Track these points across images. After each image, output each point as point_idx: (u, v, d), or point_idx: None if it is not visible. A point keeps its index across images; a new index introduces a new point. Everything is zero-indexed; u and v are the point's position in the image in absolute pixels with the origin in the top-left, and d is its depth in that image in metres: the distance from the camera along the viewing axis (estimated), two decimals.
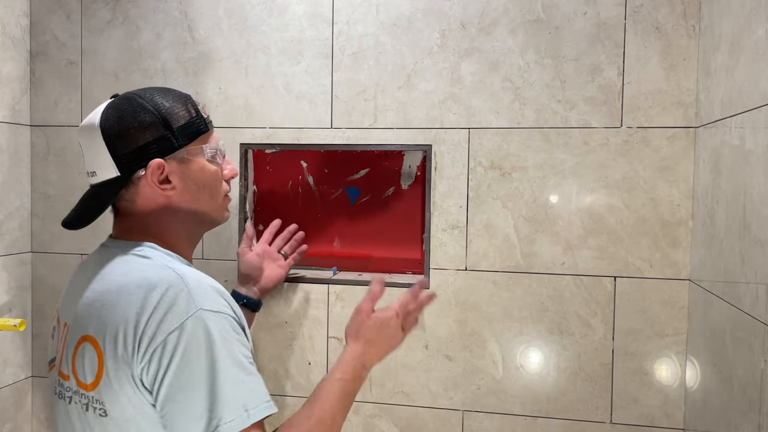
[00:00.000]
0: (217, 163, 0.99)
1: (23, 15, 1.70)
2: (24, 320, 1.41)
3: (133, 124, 0.90)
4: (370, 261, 1.63)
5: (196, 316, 0.80)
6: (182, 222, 0.96)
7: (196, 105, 0.97)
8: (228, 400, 0.79)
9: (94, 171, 0.92)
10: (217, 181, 0.99)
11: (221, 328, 0.82)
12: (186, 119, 0.93)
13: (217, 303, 0.84)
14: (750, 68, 1.08)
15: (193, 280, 0.85)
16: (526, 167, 1.46)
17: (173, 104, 0.94)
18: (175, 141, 0.91)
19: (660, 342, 1.41)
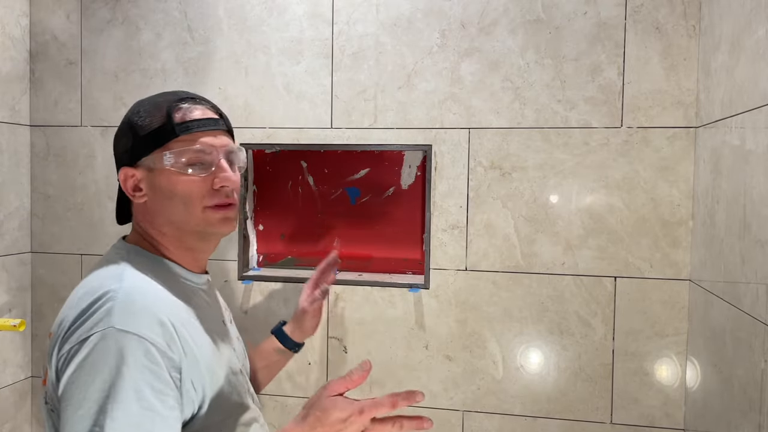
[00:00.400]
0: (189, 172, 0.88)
1: (23, 15, 1.70)
2: (24, 320, 1.41)
3: (118, 134, 0.94)
4: (370, 261, 1.63)
5: (104, 333, 0.75)
6: (165, 227, 0.92)
7: (172, 109, 0.89)
8: (114, 428, 0.72)
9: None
10: (192, 191, 0.88)
11: (131, 352, 0.75)
12: (156, 126, 0.89)
13: (140, 326, 0.77)
14: (750, 68, 1.08)
15: (127, 297, 0.79)
16: (526, 167, 1.45)
17: (147, 111, 0.90)
18: (139, 149, 0.90)
19: (660, 342, 1.41)
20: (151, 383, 0.75)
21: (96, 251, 1.70)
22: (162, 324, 0.79)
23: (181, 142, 0.89)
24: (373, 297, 1.54)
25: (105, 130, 1.68)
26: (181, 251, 0.94)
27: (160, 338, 0.78)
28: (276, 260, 1.69)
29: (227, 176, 0.90)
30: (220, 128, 0.93)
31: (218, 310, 1.02)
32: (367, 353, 1.55)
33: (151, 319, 0.79)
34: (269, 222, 1.69)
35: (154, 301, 0.82)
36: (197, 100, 0.93)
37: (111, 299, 0.79)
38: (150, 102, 0.92)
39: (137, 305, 0.79)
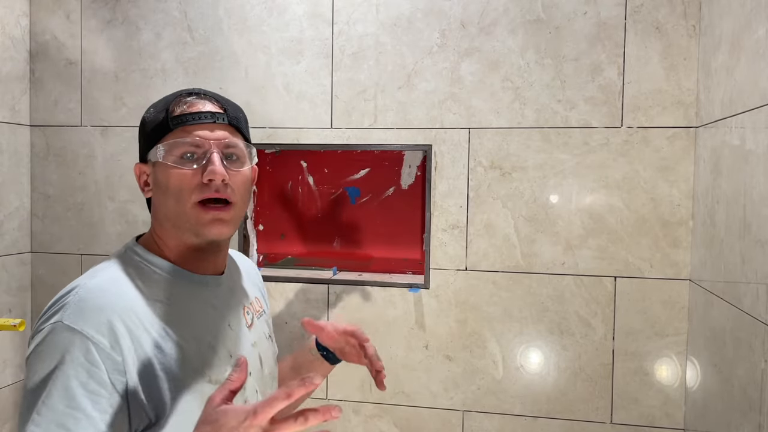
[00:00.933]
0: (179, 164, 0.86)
1: (23, 15, 1.70)
2: (23, 320, 1.41)
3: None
4: (370, 261, 1.63)
5: (53, 327, 0.77)
6: (165, 225, 0.90)
7: (170, 103, 0.89)
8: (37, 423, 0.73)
9: None
10: (182, 184, 0.85)
11: (70, 349, 0.75)
12: (154, 123, 0.89)
13: (86, 324, 0.76)
14: (750, 68, 1.08)
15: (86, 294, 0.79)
16: (526, 167, 1.45)
17: (156, 108, 0.91)
18: (144, 144, 0.91)
19: (660, 342, 1.41)
20: (84, 383, 0.74)
21: (96, 251, 1.70)
22: (111, 324, 0.78)
23: (175, 135, 0.87)
24: (373, 297, 1.54)
25: (105, 130, 1.68)
26: (183, 251, 0.90)
27: (105, 339, 0.76)
28: (276, 260, 1.69)
29: (213, 169, 0.84)
30: (221, 122, 0.89)
31: (229, 313, 0.95)
32: None
33: (100, 319, 0.77)
34: (269, 222, 1.68)
35: (110, 301, 0.80)
36: (202, 95, 0.91)
37: (72, 294, 0.79)
38: (161, 99, 0.93)
39: (90, 303, 0.79)
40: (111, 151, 1.68)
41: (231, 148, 0.89)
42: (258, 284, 1.10)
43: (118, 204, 1.68)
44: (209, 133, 0.88)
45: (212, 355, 0.89)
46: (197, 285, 0.92)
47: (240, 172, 0.89)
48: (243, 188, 0.90)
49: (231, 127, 0.91)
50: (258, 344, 1.00)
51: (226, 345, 0.91)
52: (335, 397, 1.57)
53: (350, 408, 1.56)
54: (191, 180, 0.85)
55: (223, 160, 0.87)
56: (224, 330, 0.93)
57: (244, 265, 1.08)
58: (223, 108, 0.91)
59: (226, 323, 0.94)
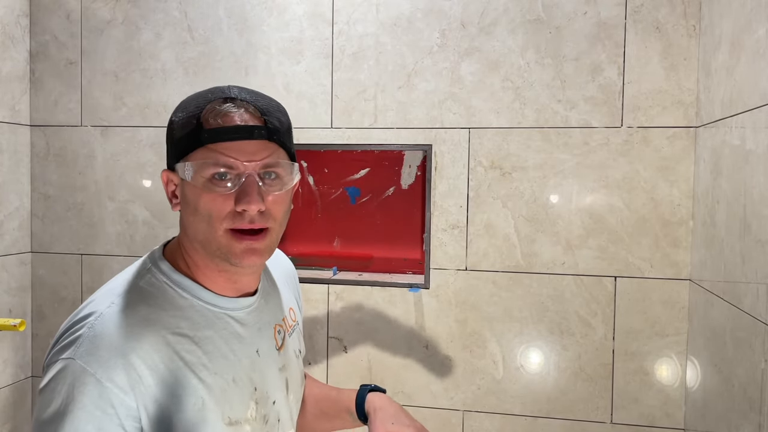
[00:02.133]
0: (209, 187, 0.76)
1: (23, 15, 1.70)
2: (24, 320, 1.41)
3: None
4: (370, 261, 1.63)
5: (66, 363, 0.72)
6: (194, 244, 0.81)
7: (202, 109, 0.78)
8: None
9: None
10: (213, 210, 0.76)
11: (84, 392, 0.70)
12: (183, 132, 0.78)
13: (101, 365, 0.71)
14: (750, 68, 1.08)
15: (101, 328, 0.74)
16: (526, 167, 1.45)
17: (185, 112, 0.80)
18: (172, 153, 0.80)
19: (660, 342, 1.41)
20: (97, 427, 0.70)
21: (96, 251, 1.70)
22: (126, 367, 0.72)
23: (206, 152, 0.76)
24: (373, 297, 1.54)
25: (105, 130, 1.68)
26: (212, 272, 0.82)
27: (119, 383, 0.72)
28: None
29: (249, 200, 0.74)
30: (260, 138, 0.76)
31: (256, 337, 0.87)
32: (367, 353, 1.55)
33: (117, 360, 0.72)
34: None
35: (129, 341, 0.74)
36: (239, 100, 0.78)
37: (86, 326, 0.74)
38: (195, 97, 0.81)
39: (106, 341, 0.73)
40: (111, 151, 1.68)
41: (270, 168, 0.78)
42: (294, 288, 1.03)
43: (118, 204, 1.68)
44: (246, 153, 0.76)
45: (234, 391, 0.82)
46: (227, 309, 0.84)
47: (279, 194, 0.78)
48: (281, 211, 0.79)
49: (272, 143, 0.78)
50: (286, 367, 0.93)
51: (250, 377, 0.84)
52: None
53: None
54: (223, 206, 0.76)
55: (259, 182, 0.76)
56: (251, 358, 0.85)
57: (279, 269, 0.99)
58: (263, 118, 0.78)
59: (254, 349, 0.86)
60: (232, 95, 0.79)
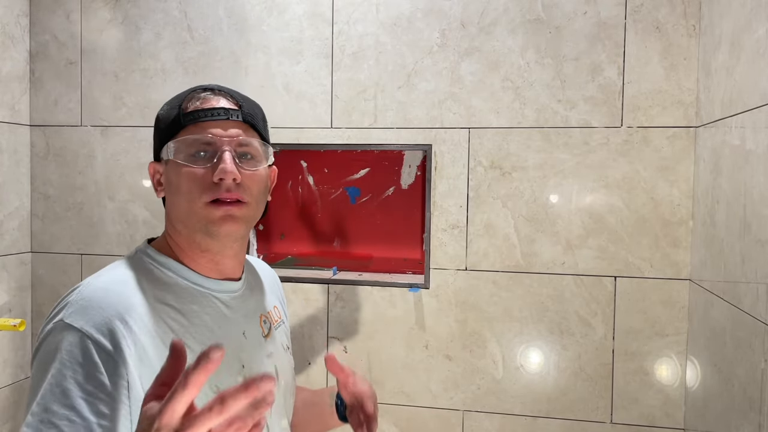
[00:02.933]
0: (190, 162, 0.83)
1: (23, 15, 1.70)
2: (23, 320, 1.41)
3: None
4: (370, 261, 1.63)
5: (54, 326, 0.74)
6: (177, 226, 0.87)
7: (183, 99, 0.86)
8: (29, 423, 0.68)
9: None
10: (192, 183, 0.82)
11: (68, 347, 0.72)
12: (168, 120, 0.85)
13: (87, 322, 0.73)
14: (750, 68, 1.08)
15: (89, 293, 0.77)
16: (526, 167, 1.45)
17: (170, 102, 0.88)
18: (158, 142, 0.88)
19: (660, 342, 1.41)
20: (80, 383, 0.70)
21: (96, 251, 1.70)
22: (112, 324, 0.74)
23: (187, 132, 0.83)
24: (373, 297, 1.54)
25: (105, 130, 1.68)
26: (196, 252, 0.87)
27: (106, 339, 0.73)
28: (276, 260, 1.69)
29: (224, 167, 0.81)
30: (235, 119, 0.84)
31: (243, 321, 0.90)
32: (367, 353, 1.55)
33: (102, 317, 0.74)
34: (269, 222, 1.68)
35: (115, 300, 0.76)
36: (217, 90, 0.87)
37: (75, 293, 0.77)
38: (178, 94, 0.89)
39: (93, 302, 0.75)
40: (111, 151, 1.68)
41: (244, 147, 0.85)
42: (278, 294, 1.06)
43: (118, 204, 1.68)
44: (222, 131, 0.83)
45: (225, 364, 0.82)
46: (212, 290, 0.88)
47: (254, 171, 0.84)
48: (257, 188, 0.85)
49: (246, 125, 0.86)
50: (274, 355, 0.95)
51: (237, 354, 0.87)
52: None
53: None
54: (202, 179, 0.82)
55: (235, 158, 0.82)
56: (237, 338, 0.88)
57: (264, 272, 1.04)
58: (238, 104, 0.86)
59: (240, 331, 0.89)
60: (212, 87, 0.87)
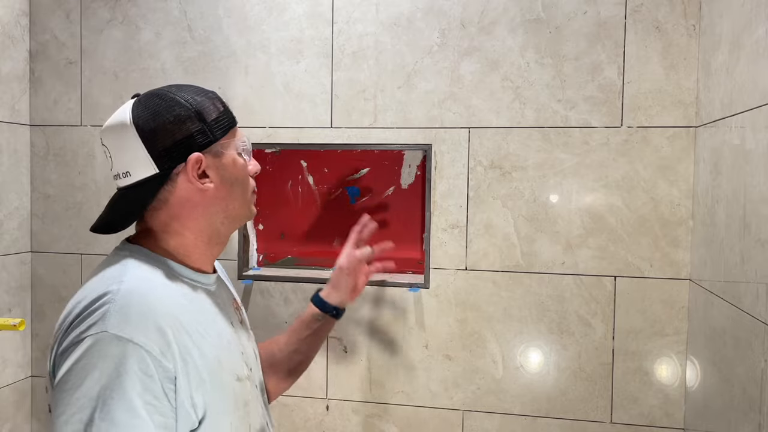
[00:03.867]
0: (244, 158, 0.95)
1: (23, 15, 1.70)
2: (23, 320, 1.41)
3: (168, 119, 0.87)
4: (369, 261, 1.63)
5: (98, 337, 0.73)
6: (213, 218, 0.91)
7: (222, 100, 0.95)
8: None
9: (128, 171, 0.88)
10: (247, 176, 0.95)
11: (123, 360, 0.72)
12: (216, 113, 0.91)
13: (135, 332, 0.74)
14: (750, 67, 1.08)
15: (125, 300, 0.77)
16: (526, 167, 1.45)
17: (203, 98, 0.91)
18: (210, 134, 0.89)
19: (660, 341, 1.41)
20: (141, 394, 0.72)
21: (96, 251, 1.70)
22: (159, 330, 0.76)
23: (236, 130, 0.95)
24: (373, 296, 1.54)
25: None
26: (204, 248, 0.92)
27: (155, 346, 0.75)
28: (276, 260, 1.69)
29: (257, 162, 0.98)
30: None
31: (228, 311, 0.97)
32: (367, 353, 1.55)
33: (147, 325, 0.76)
34: (269, 221, 1.69)
35: (153, 305, 0.78)
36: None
37: (108, 302, 0.76)
38: (194, 90, 0.92)
39: (134, 309, 0.76)
40: None
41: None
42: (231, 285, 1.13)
43: None
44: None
45: (232, 352, 0.91)
46: (205, 284, 0.92)
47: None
48: None
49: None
50: (251, 339, 1.04)
51: (233, 342, 0.93)
52: (335, 396, 1.57)
53: (350, 408, 1.56)
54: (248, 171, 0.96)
55: None
56: (231, 326, 0.94)
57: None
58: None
59: (230, 320, 0.95)
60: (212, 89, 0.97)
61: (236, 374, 0.90)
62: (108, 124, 0.90)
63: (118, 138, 0.88)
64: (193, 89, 0.93)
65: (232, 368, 0.89)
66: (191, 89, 0.93)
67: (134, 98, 0.92)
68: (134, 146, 0.87)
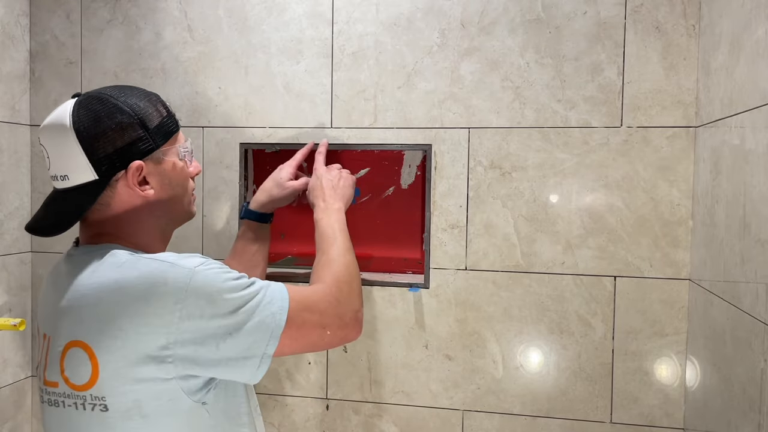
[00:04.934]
0: (185, 162, 1.00)
1: (23, 15, 1.70)
2: (24, 320, 1.41)
3: (110, 126, 0.87)
4: (370, 261, 1.63)
5: (194, 278, 0.84)
6: (157, 220, 0.96)
7: (165, 104, 0.97)
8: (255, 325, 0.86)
9: (66, 175, 0.87)
10: (186, 179, 1.00)
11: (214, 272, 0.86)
12: (159, 119, 0.93)
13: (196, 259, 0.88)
14: (750, 67, 1.08)
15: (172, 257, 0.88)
16: (526, 167, 1.45)
17: (146, 104, 0.92)
18: (152, 141, 0.90)
19: (660, 341, 1.41)
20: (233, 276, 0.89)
21: None
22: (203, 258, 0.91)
23: (177, 137, 0.98)
24: (373, 296, 1.54)
25: None
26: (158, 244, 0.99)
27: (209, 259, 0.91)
28: (276, 259, 1.69)
29: (198, 164, 1.05)
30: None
31: None
32: (367, 353, 1.55)
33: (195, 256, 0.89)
34: None
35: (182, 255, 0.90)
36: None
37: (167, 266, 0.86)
38: (137, 94, 0.93)
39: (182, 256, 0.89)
40: None
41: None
42: None
43: None
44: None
45: None
46: None
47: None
48: None
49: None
50: None
51: None
52: (335, 396, 1.57)
53: (350, 408, 1.56)
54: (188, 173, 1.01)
55: None
56: None
57: None
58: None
59: None
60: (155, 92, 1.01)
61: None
62: (47, 124, 0.89)
63: (57, 140, 0.87)
64: (136, 93, 0.92)
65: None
66: (134, 93, 0.92)
67: (74, 98, 0.91)
68: (73, 151, 0.86)
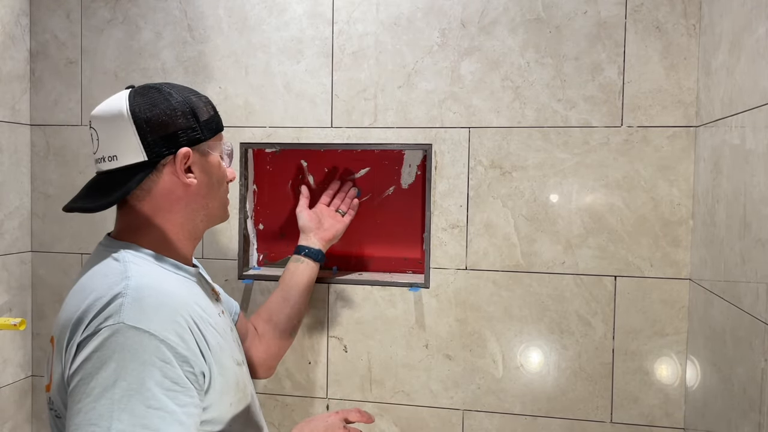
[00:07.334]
0: (226, 162, 1.03)
1: (23, 14, 1.70)
2: (24, 320, 1.41)
3: (165, 111, 0.91)
4: (370, 260, 1.63)
5: (114, 328, 0.75)
6: (193, 214, 0.96)
7: (213, 105, 1.01)
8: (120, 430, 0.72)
9: (115, 155, 0.89)
10: (225, 178, 1.01)
11: (141, 349, 0.75)
12: (207, 115, 0.96)
13: (152, 322, 0.77)
14: (750, 67, 1.08)
15: (137, 293, 0.80)
16: (526, 166, 1.45)
17: (197, 99, 0.96)
18: (201, 132, 0.94)
19: (660, 341, 1.41)
20: (160, 381, 0.75)
21: None
22: (175, 320, 0.80)
23: (221, 135, 1.01)
24: (373, 296, 1.54)
25: None
26: (187, 242, 0.97)
27: (172, 335, 0.78)
28: (276, 259, 1.69)
29: (233, 170, 1.07)
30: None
31: (213, 302, 1.01)
32: (367, 352, 1.55)
33: (164, 315, 0.79)
34: (269, 221, 1.69)
35: (165, 297, 0.82)
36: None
37: (121, 296, 0.79)
38: (189, 90, 0.97)
39: (147, 301, 0.79)
40: None
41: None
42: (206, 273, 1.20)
43: None
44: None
45: (227, 339, 0.96)
46: (192, 275, 0.97)
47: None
48: None
49: None
50: (233, 328, 1.08)
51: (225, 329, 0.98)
52: (335, 396, 1.57)
53: (350, 407, 1.56)
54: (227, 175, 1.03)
55: None
56: (219, 316, 0.99)
57: None
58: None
59: (217, 310, 1.00)
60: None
61: (235, 359, 0.95)
62: (101, 108, 0.93)
63: (110, 123, 0.90)
64: (187, 90, 0.98)
65: (231, 353, 0.94)
66: (186, 89, 0.97)
67: (129, 89, 0.95)
68: (126, 132, 0.89)
